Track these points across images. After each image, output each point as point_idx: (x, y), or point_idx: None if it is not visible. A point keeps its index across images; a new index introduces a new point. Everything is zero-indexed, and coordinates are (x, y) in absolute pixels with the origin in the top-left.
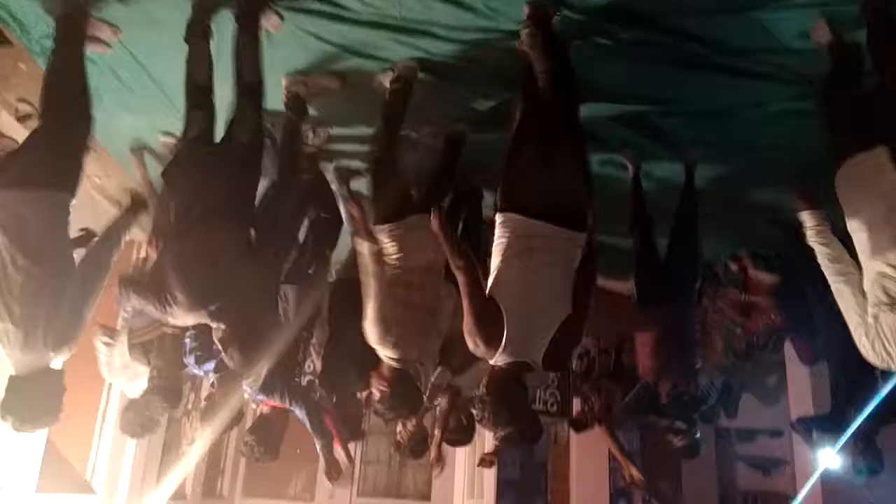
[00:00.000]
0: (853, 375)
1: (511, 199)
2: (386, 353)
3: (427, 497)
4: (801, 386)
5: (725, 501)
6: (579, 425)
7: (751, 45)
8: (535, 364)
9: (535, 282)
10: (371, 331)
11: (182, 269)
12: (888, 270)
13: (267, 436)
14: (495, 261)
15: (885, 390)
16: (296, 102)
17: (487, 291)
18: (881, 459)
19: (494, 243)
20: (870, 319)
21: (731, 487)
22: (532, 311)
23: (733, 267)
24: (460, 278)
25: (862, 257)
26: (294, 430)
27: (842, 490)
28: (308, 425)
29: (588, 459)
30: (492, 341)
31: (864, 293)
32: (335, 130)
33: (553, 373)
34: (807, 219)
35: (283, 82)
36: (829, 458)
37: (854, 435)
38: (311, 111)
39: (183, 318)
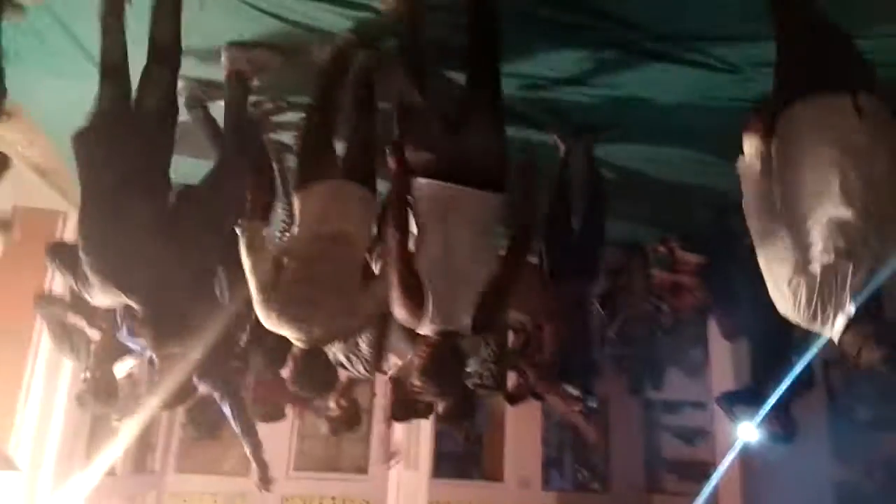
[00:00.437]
0: (772, 350)
1: (424, 163)
2: (285, 334)
3: (364, 470)
4: (723, 360)
5: (651, 469)
6: (514, 398)
7: (686, 31)
8: (464, 330)
9: (453, 245)
10: (259, 313)
11: (91, 245)
12: (844, 215)
13: (205, 417)
14: (414, 229)
15: (800, 363)
16: (238, 79)
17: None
18: (796, 428)
19: (412, 211)
20: (813, 269)
21: (656, 456)
22: (453, 276)
23: (662, 249)
24: (391, 244)
25: (808, 201)
26: None
27: (760, 459)
28: (236, 427)
29: (522, 431)
30: (416, 311)
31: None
32: (279, 104)
33: (490, 347)
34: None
35: (224, 57)
36: (749, 429)
37: (772, 406)
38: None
39: (99, 297)
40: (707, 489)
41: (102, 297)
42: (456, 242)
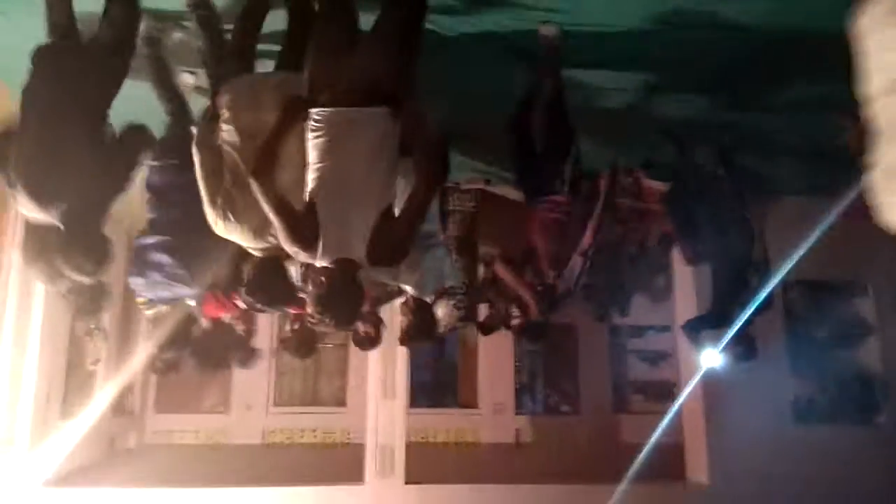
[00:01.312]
0: (732, 274)
1: (314, 89)
2: (235, 240)
3: (343, 403)
4: (686, 285)
5: (617, 391)
6: (487, 329)
7: None
8: (360, 261)
9: (344, 173)
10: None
11: (23, 163)
12: None
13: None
14: (310, 157)
15: (761, 288)
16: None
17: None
18: (755, 348)
19: (308, 142)
20: None
21: (622, 378)
22: (346, 204)
23: (628, 179)
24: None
25: None
26: None
27: (721, 378)
28: None
29: (495, 360)
30: (309, 244)
31: None
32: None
33: (461, 279)
34: None
35: None
36: (711, 354)
37: (733, 330)
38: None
39: (33, 216)
40: (672, 409)
41: (34, 215)
42: (347, 169)
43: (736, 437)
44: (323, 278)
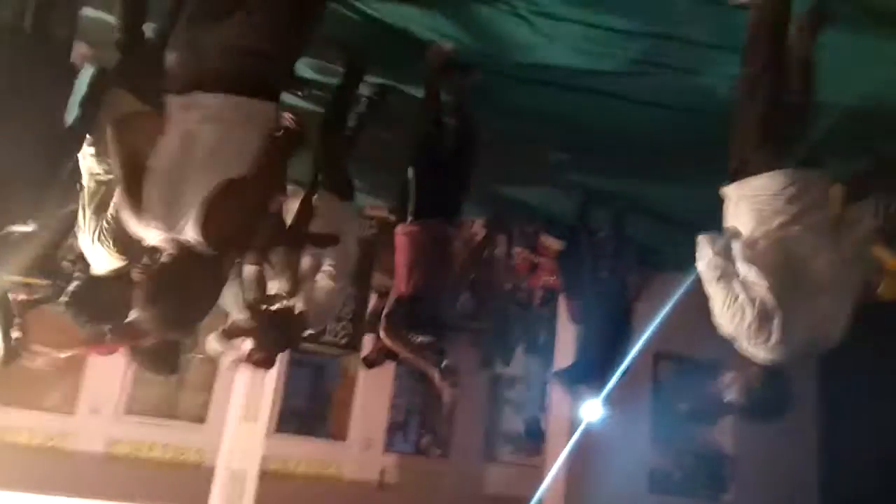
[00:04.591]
0: (605, 336)
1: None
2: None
3: (202, 419)
4: (567, 340)
5: (489, 439)
6: (370, 362)
7: None
8: (197, 241)
9: (189, 143)
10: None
11: None
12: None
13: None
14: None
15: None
16: None
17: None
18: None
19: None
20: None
21: (495, 427)
22: (182, 174)
23: (529, 229)
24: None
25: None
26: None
27: (587, 439)
28: None
29: (372, 393)
30: (136, 213)
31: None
32: None
33: (348, 306)
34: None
35: None
36: (581, 401)
37: (600, 380)
38: None
39: None
40: (537, 463)
41: None
42: (193, 139)
43: (594, 499)
44: (152, 269)
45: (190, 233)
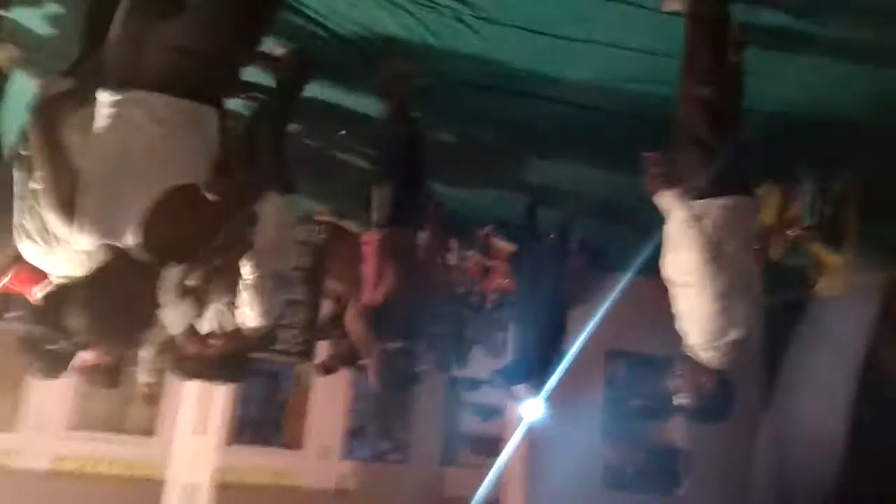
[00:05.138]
0: (545, 335)
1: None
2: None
3: (150, 433)
4: None
5: (448, 442)
6: (327, 368)
7: None
8: (137, 249)
9: (128, 143)
10: None
11: None
12: None
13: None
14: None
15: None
16: None
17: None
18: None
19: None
20: None
21: (453, 430)
22: (121, 176)
23: (480, 233)
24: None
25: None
26: None
27: (542, 438)
28: None
29: (328, 400)
30: (66, 216)
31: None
32: None
33: (300, 314)
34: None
35: None
36: (529, 406)
37: (539, 378)
38: None
39: None
40: (497, 463)
41: None
42: (133, 142)
43: (552, 497)
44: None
45: (130, 239)
